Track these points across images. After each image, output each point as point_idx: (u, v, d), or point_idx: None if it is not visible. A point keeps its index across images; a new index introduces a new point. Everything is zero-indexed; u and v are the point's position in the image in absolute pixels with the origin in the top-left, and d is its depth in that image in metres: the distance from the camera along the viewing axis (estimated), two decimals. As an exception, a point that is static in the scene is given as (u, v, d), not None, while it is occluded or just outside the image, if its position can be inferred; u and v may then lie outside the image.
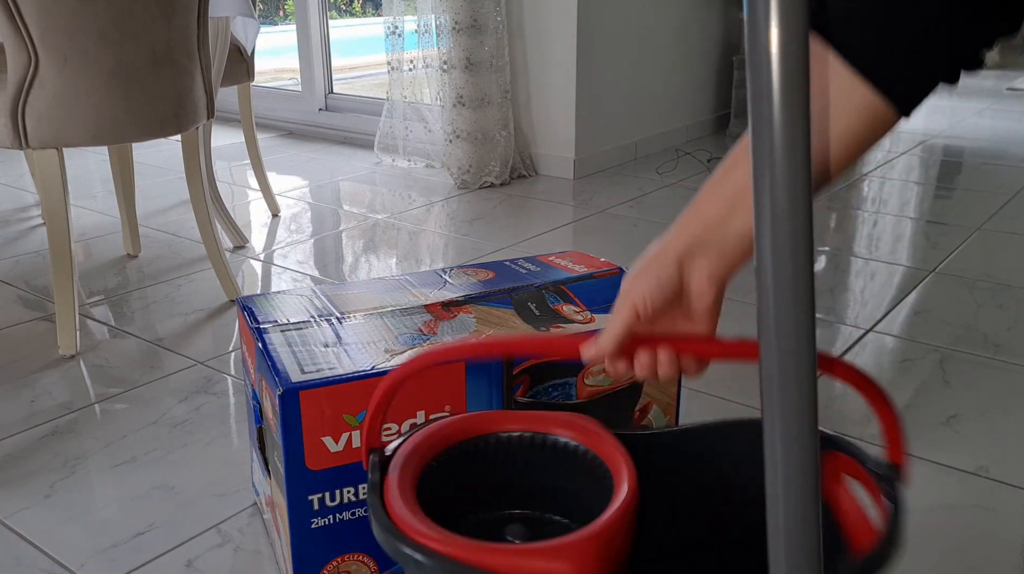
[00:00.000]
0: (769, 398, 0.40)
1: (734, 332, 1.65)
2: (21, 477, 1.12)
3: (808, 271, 0.39)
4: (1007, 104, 3.86)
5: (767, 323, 0.39)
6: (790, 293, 0.39)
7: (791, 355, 0.39)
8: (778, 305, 0.39)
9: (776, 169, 0.37)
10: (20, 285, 1.78)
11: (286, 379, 0.81)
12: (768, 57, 0.36)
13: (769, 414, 0.41)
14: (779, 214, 0.38)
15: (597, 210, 2.29)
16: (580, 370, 0.93)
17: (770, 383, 0.40)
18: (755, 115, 0.38)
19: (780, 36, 0.36)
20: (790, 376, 0.39)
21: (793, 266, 0.38)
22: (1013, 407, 1.29)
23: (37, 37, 1.31)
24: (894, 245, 2.01)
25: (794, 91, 0.37)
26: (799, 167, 0.37)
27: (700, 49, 3.06)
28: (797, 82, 0.37)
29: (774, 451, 0.41)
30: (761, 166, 0.38)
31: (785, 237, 0.38)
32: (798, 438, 0.40)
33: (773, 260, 0.39)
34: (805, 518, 0.41)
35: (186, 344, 1.50)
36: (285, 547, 0.89)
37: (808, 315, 0.39)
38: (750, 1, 0.36)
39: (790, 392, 0.40)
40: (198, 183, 1.65)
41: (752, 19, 0.36)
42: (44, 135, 1.37)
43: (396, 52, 2.64)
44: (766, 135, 0.37)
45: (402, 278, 1.06)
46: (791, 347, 0.39)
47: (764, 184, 0.38)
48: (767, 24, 0.36)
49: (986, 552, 0.98)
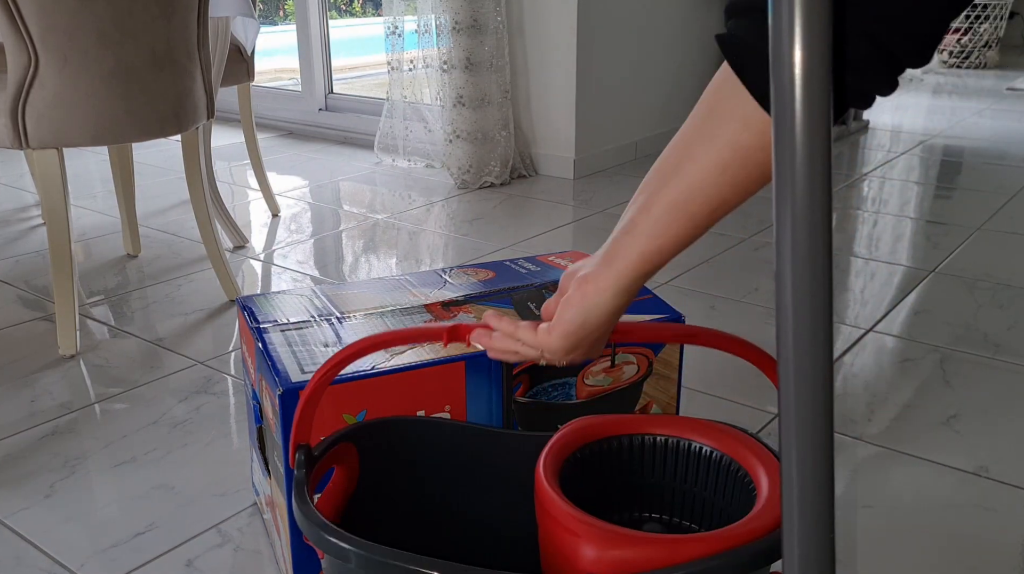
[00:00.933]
0: (787, 402, 0.41)
1: (738, 331, 1.64)
2: (21, 477, 1.12)
3: (827, 281, 0.39)
4: (1007, 104, 3.86)
5: (786, 320, 0.40)
6: (807, 298, 0.39)
7: (807, 356, 0.40)
8: (796, 307, 0.39)
9: (796, 176, 0.38)
10: (20, 285, 1.78)
11: (286, 379, 0.81)
12: (792, 76, 0.37)
13: (786, 418, 0.41)
14: (799, 217, 0.38)
15: (597, 210, 2.29)
16: (580, 370, 0.93)
17: (787, 385, 0.40)
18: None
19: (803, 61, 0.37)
20: (807, 377, 0.40)
21: (812, 272, 0.39)
22: (1013, 407, 1.29)
23: (37, 37, 1.31)
24: (894, 245, 2.01)
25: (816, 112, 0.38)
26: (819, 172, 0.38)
27: (700, 49, 3.06)
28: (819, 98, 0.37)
29: (790, 452, 0.41)
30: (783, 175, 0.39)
31: (804, 245, 0.39)
32: (813, 439, 0.41)
33: (792, 264, 0.39)
34: (820, 519, 0.41)
35: (186, 344, 1.50)
36: (285, 547, 0.89)
37: (825, 317, 0.40)
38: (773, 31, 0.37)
39: (806, 394, 0.41)
40: (198, 183, 1.65)
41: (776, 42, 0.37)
42: (44, 135, 1.37)
43: (396, 52, 2.64)
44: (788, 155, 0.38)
45: (402, 278, 1.06)
46: (807, 348, 0.40)
47: (785, 189, 0.39)
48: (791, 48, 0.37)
49: (986, 552, 0.98)
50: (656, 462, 0.77)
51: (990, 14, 4.93)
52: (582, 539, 0.64)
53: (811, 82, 0.37)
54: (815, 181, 0.38)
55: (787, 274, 0.39)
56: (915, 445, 1.19)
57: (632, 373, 0.96)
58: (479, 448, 0.81)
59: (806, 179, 0.38)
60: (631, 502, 0.79)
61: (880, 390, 1.34)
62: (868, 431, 1.22)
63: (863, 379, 1.37)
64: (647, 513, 0.79)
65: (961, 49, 5.01)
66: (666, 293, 1.72)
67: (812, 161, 0.38)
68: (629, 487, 0.78)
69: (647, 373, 0.97)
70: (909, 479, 1.11)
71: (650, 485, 0.78)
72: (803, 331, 0.39)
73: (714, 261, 1.90)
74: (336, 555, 0.61)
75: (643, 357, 0.96)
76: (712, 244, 2.01)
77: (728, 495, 0.74)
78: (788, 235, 0.39)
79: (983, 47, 4.97)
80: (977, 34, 4.95)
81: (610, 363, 0.94)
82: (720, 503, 0.75)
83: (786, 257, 0.39)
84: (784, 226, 0.39)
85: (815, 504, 0.41)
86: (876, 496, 1.08)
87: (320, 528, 0.62)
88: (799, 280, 0.39)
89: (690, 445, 0.76)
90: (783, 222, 0.39)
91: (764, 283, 1.77)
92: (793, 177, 0.38)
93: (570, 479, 0.73)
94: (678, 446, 0.77)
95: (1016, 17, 5.71)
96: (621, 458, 0.77)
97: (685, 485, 0.77)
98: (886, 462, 1.15)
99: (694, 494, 0.77)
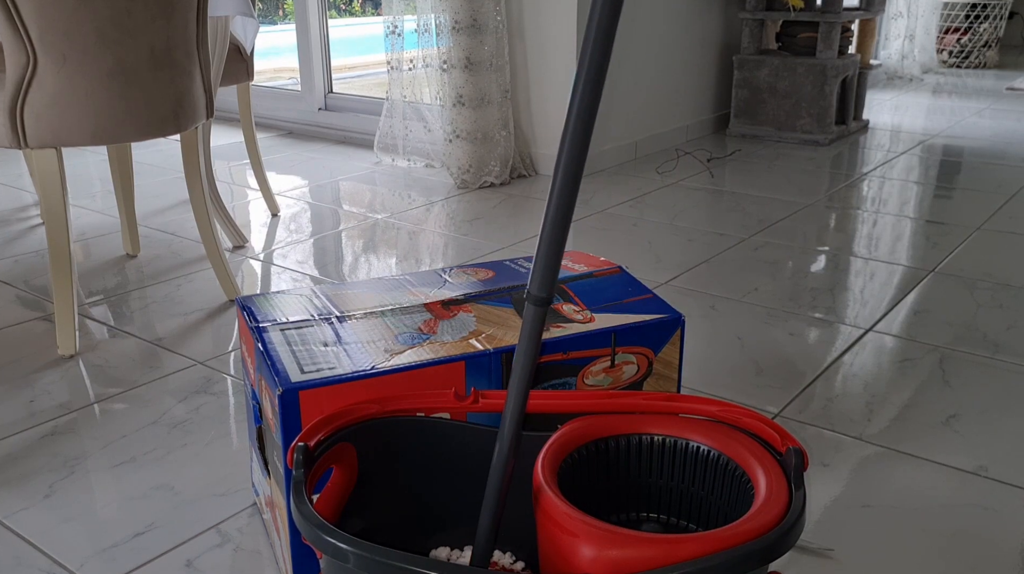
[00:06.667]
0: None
1: (737, 331, 1.64)
2: (20, 477, 1.12)
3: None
4: (1007, 104, 3.86)
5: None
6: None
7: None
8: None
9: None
10: (19, 285, 1.77)
11: (286, 379, 0.81)
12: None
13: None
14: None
15: (597, 210, 2.29)
16: (579, 371, 0.93)
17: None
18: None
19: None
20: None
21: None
22: (1013, 407, 1.29)
23: (35, 36, 1.31)
24: (894, 245, 2.01)
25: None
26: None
27: (700, 48, 3.06)
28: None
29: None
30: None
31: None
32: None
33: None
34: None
35: (186, 344, 1.50)
36: (285, 548, 0.88)
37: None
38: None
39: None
40: (197, 183, 1.65)
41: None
42: (43, 135, 1.37)
43: (396, 52, 2.64)
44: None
45: (402, 278, 1.06)
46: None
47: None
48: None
49: (986, 552, 0.98)
50: (654, 462, 0.77)
51: (990, 14, 4.93)
52: (580, 539, 0.64)
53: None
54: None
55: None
56: (914, 445, 1.19)
57: (632, 373, 0.96)
58: (478, 448, 0.81)
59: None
60: (629, 502, 0.79)
61: (879, 390, 1.34)
62: (867, 431, 1.22)
63: (863, 379, 1.37)
64: (645, 513, 0.79)
65: (961, 49, 5.01)
66: (666, 293, 1.72)
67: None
68: (627, 487, 0.78)
69: (647, 373, 0.97)
70: (909, 479, 1.11)
71: (648, 485, 0.78)
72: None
73: (713, 261, 1.90)
74: (334, 555, 0.61)
75: (643, 357, 0.96)
76: (711, 245, 2.01)
77: (726, 494, 0.74)
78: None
79: (983, 47, 4.97)
80: (977, 34, 4.95)
81: (610, 363, 0.94)
82: (718, 502, 0.75)
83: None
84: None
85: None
86: (875, 496, 1.08)
87: (318, 528, 0.62)
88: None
89: (688, 445, 0.76)
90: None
91: (764, 283, 1.77)
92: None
93: (569, 479, 0.73)
94: (675, 446, 0.77)
95: (1016, 17, 5.70)
96: (619, 458, 0.77)
97: (683, 485, 0.77)
98: (885, 462, 1.15)
99: (692, 494, 0.77)
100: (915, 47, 4.58)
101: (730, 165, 2.76)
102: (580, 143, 0.60)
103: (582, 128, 0.59)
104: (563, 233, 0.63)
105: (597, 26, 0.57)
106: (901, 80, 4.52)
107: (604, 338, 0.92)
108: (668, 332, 0.95)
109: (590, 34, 0.57)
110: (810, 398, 1.31)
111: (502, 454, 0.70)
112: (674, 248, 1.99)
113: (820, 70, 2.95)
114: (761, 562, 0.61)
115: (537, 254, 0.64)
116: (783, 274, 1.82)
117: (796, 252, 1.96)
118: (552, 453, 0.72)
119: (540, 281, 0.65)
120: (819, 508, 1.05)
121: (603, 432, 0.77)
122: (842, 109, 3.13)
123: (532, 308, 0.66)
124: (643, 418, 0.77)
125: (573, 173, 0.61)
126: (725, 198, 2.40)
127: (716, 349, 1.48)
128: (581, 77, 0.58)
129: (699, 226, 2.15)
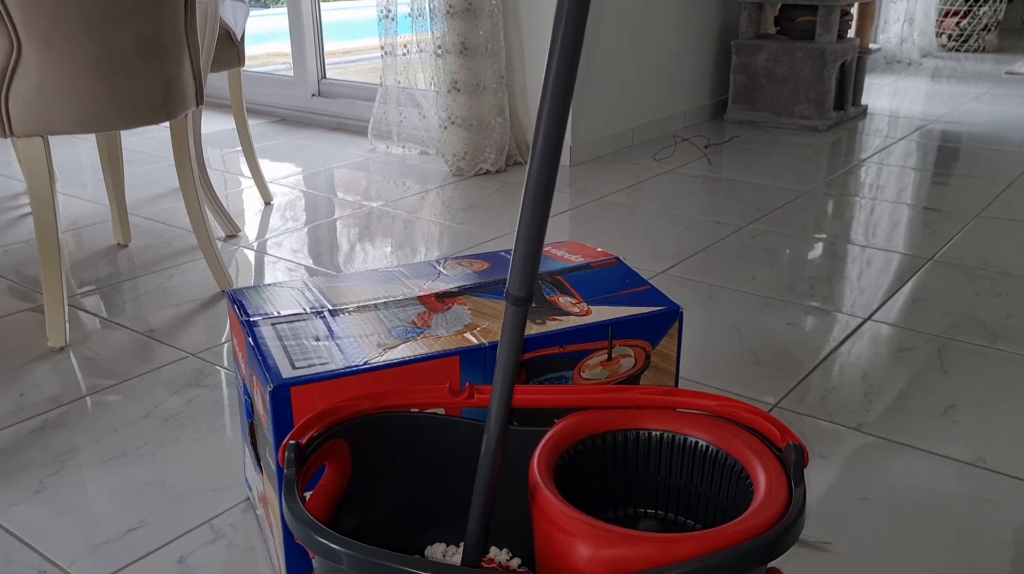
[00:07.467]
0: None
1: (735, 320, 1.63)
2: (10, 472, 1.11)
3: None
4: (1006, 88, 3.84)
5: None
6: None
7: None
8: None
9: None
10: (9, 275, 1.75)
11: (276, 374, 0.80)
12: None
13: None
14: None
15: (594, 197, 2.27)
16: (576, 364, 0.92)
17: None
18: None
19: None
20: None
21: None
22: (1012, 397, 1.28)
23: (19, 21, 1.29)
24: (891, 232, 1.99)
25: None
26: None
27: (697, 34, 3.03)
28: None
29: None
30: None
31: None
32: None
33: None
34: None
35: (178, 336, 1.49)
36: (278, 544, 0.87)
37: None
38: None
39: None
40: (188, 171, 1.63)
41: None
42: (28, 122, 1.35)
43: (389, 36, 2.60)
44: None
45: (396, 269, 1.05)
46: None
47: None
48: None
49: (984, 542, 0.97)
50: (652, 458, 0.76)
51: (988, -3, 4.90)
52: (577, 538, 0.63)
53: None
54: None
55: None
56: (913, 435, 1.18)
57: (629, 366, 0.94)
58: (473, 443, 0.80)
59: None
60: (627, 498, 0.78)
61: (877, 380, 1.33)
62: (865, 421, 1.21)
63: (860, 369, 1.36)
64: (643, 509, 0.78)
65: (960, 32, 4.97)
66: (663, 282, 1.71)
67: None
68: (625, 483, 0.77)
69: (644, 366, 0.96)
70: (907, 470, 1.10)
71: (646, 481, 0.77)
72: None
73: (711, 250, 1.89)
74: (325, 556, 0.60)
75: (640, 350, 0.94)
76: (709, 233, 2.00)
77: (724, 490, 0.73)
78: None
79: (982, 30, 4.94)
80: (976, 17, 4.92)
81: (607, 356, 0.93)
82: (716, 499, 0.74)
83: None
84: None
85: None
86: (873, 487, 1.07)
87: (310, 528, 0.61)
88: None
89: (686, 440, 0.75)
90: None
91: (761, 272, 1.76)
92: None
93: (565, 475, 0.72)
94: (673, 441, 0.76)
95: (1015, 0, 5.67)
96: (616, 454, 0.76)
97: (681, 480, 0.76)
98: (883, 453, 1.14)
99: (690, 490, 0.76)
100: (914, 30, 4.55)
101: (728, 151, 2.74)
102: (554, 136, 0.58)
103: (555, 122, 0.57)
104: (540, 229, 0.61)
105: (567, 18, 0.55)
106: (900, 64, 4.50)
107: (601, 331, 0.91)
108: (666, 324, 0.94)
109: (559, 29, 0.55)
110: (808, 389, 1.30)
111: (489, 451, 0.69)
112: (671, 236, 1.97)
113: (819, 54, 2.92)
114: (760, 562, 0.60)
115: (515, 251, 0.62)
116: (781, 262, 1.81)
117: (794, 240, 1.94)
118: (548, 449, 0.71)
119: (519, 280, 0.63)
120: (817, 500, 1.05)
121: (600, 428, 0.76)
122: (841, 94, 3.10)
123: (512, 308, 0.64)
124: (640, 413, 0.76)
125: (548, 166, 0.59)
126: (722, 185, 2.38)
127: (713, 339, 1.46)
128: (551, 76, 0.57)
129: (696, 214, 2.13)
